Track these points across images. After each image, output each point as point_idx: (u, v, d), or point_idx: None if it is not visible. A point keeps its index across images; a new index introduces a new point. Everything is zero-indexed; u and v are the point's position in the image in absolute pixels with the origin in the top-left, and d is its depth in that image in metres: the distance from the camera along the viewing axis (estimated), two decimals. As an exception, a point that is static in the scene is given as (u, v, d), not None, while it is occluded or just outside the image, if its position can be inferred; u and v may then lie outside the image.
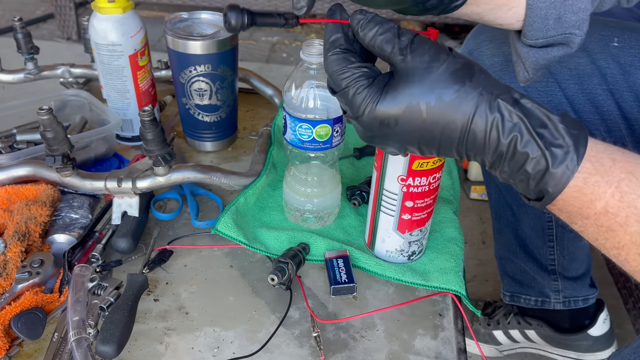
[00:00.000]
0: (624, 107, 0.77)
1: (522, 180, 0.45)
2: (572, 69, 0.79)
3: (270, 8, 2.21)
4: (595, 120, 0.79)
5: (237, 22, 0.48)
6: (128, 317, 0.58)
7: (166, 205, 0.79)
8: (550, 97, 0.81)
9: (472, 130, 0.45)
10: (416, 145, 0.47)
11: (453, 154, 0.48)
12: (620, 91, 0.76)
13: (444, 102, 0.45)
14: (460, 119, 0.45)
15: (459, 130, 0.45)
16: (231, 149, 0.93)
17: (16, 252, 0.64)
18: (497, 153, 0.45)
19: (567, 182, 0.44)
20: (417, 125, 0.46)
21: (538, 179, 0.44)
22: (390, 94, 0.46)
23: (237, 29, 0.48)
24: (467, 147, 0.46)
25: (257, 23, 0.49)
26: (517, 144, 0.44)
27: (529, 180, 0.45)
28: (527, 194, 0.47)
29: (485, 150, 0.45)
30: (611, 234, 0.44)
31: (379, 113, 0.46)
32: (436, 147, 0.47)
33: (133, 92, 0.85)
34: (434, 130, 0.46)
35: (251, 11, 0.48)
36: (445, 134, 0.46)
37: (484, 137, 0.45)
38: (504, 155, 0.45)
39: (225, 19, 0.48)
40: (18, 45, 0.95)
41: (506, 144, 0.44)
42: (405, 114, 0.46)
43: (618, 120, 0.78)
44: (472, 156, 0.47)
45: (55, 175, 0.72)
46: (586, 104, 0.79)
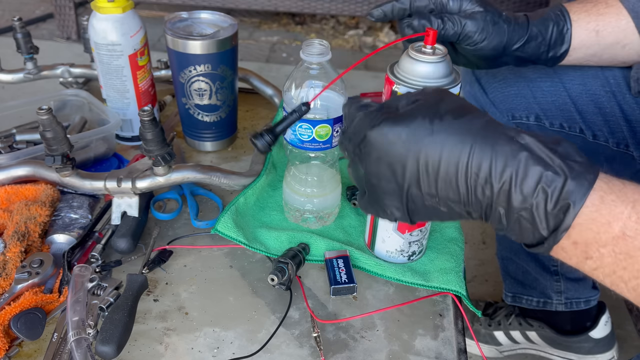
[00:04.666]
0: (626, 109, 0.77)
1: (539, 204, 0.41)
2: (576, 70, 0.80)
3: (270, 8, 2.21)
4: (599, 121, 0.79)
5: (263, 146, 0.55)
6: (128, 318, 0.58)
7: (166, 206, 0.79)
8: (555, 97, 0.81)
9: (477, 149, 0.42)
10: (416, 174, 0.44)
11: (455, 188, 0.44)
12: (622, 94, 0.77)
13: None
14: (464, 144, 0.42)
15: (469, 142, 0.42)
16: (231, 149, 0.93)
17: (16, 252, 0.64)
18: (506, 175, 0.41)
19: (586, 194, 0.40)
20: (424, 140, 0.43)
21: (557, 195, 0.40)
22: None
23: (267, 150, 0.56)
24: (472, 172, 0.42)
25: (279, 134, 0.56)
26: (529, 161, 0.41)
27: (546, 201, 0.40)
28: (541, 225, 0.41)
29: (492, 175, 0.41)
30: (630, 262, 0.40)
31: (392, 125, 0.44)
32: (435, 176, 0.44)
33: (133, 92, 0.85)
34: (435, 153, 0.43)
35: (270, 128, 0.55)
36: (449, 161, 0.43)
37: (489, 164, 0.41)
38: (515, 177, 0.41)
39: (254, 146, 0.55)
40: (17, 45, 0.95)
41: (517, 161, 0.41)
42: (412, 130, 0.44)
43: (620, 122, 0.78)
44: (476, 189, 0.43)
45: (55, 175, 0.72)
46: (590, 104, 0.79)
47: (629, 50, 0.71)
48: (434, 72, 0.55)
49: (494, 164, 0.41)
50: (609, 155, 0.82)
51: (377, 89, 0.94)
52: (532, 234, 0.42)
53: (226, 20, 0.84)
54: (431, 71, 0.55)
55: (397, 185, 0.45)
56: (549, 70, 0.81)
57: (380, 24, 2.68)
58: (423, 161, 0.43)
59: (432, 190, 0.44)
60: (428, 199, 0.45)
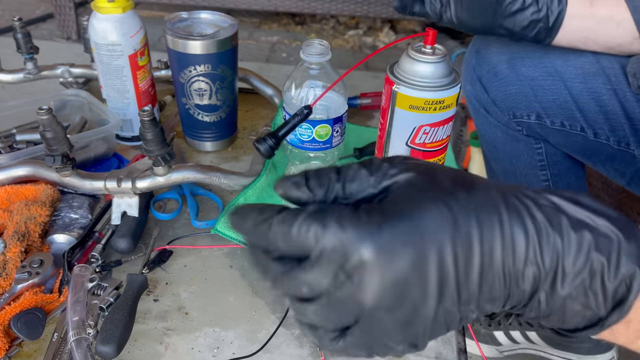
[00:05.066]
0: (627, 107, 0.77)
1: (594, 277, 0.32)
2: (577, 68, 0.79)
3: (270, 8, 2.21)
4: (600, 120, 0.79)
5: (266, 150, 0.55)
6: (128, 318, 0.58)
7: (166, 206, 0.79)
8: (556, 95, 0.81)
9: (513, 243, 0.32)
10: (454, 281, 0.31)
11: (494, 280, 0.32)
12: (623, 91, 0.77)
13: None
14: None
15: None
16: (231, 149, 0.93)
17: (16, 252, 0.64)
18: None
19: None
20: (448, 232, 0.31)
21: (615, 262, 0.32)
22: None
23: (270, 155, 0.55)
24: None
25: (282, 138, 0.56)
26: (570, 228, 0.32)
27: (603, 273, 0.32)
28: (597, 303, 0.33)
29: (532, 252, 0.32)
30: None
31: (394, 228, 0.31)
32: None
33: (133, 92, 0.85)
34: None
35: (272, 133, 0.55)
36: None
37: (525, 240, 0.32)
38: (562, 249, 0.32)
39: (257, 151, 0.55)
40: (18, 45, 0.95)
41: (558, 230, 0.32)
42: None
43: (622, 120, 0.78)
44: (517, 275, 0.32)
45: (55, 175, 0.72)
46: (591, 102, 0.79)
47: (623, 29, 0.71)
48: (433, 72, 0.55)
49: (532, 239, 0.32)
50: (609, 153, 0.82)
51: (377, 89, 0.94)
52: (583, 316, 0.34)
53: (226, 20, 0.84)
54: (431, 71, 0.55)
55: (413, 310, 0.31)
56: (550, 69, 0.81)
57: (380, 24, 2.68)
58: (462, 257, 0.31)
59: (473, 294, 0.32)
60: (462, 309, 0.32)
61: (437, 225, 0.31)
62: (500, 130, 0.91)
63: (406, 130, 0.58)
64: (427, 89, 0.55)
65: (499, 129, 0.92)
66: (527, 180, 0.96)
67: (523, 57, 0.84)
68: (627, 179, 0.84)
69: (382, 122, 0.61)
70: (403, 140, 0.59)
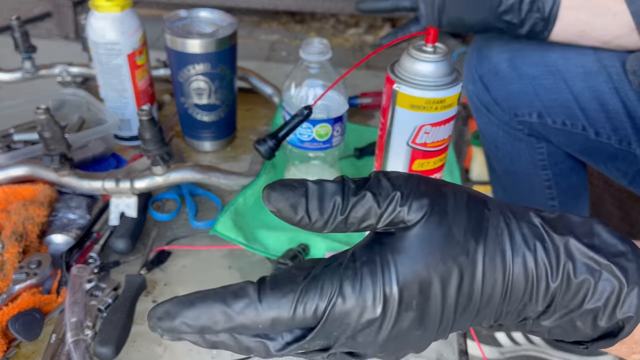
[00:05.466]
0: (629, 105, 0.76)
1: (585, 318, 0.33)
2: (578, 66, 0.79)
3: (270, 7, 2.20)
4: (602, 119, 0.79)
5: (266, 151, 0.54)
6: (126, 319, 0.58)
7: (164, 206, 0.78)
8: (557, 94, 0.81)
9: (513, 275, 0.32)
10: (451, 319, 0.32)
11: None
12: (625, 90, 0.76)
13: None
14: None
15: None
16: (230, 148, 0.92)
17: (13, 252, 0.63)
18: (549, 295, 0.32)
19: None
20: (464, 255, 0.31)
21: (612, 306, 0.32)
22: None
23: (270, 156, 0.55)
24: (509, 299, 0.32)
25: (282, 139, 0.55)
26: (570, 273, 0.32)
27: (596, 316, 0.32)
28: (593, 332, 0.34)
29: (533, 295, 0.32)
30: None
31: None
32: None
33: (131, 91, 0.85)
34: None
35: (273, 134, 0.54)
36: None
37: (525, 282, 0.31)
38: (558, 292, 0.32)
39: (257, 152, 0.55)
40: (15, 44, 0.94)
41: (559, 277, 0.32)
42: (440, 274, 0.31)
43: (623, 118, 0.77)
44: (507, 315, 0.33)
45: (53, 175, 0.71)
46: (592, 101, 0.79)
47: (620, 20, 0.71)
48: (435, 71, 0.55)
49: (530, 280, 0.31)
50: (611, 153, 0.81)
51: (378, 88, 0.94)
52: (568, 337, 0.35)
53: (225, 19, 0.84)
54: (432, 70, 0.55)
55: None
56: (551, 67, 0.81)
57: (380, 22, 2.68)
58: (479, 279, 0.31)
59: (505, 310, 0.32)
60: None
61: (454, 244, 0.30)
62: (502, 129, 0.91)
63: (407, 130, 0.58)
64: (429, 88, 0.55)
65: (500, 128, 0.91)
66: (528, 179, 0.96)
67: (524, 56, 0.83)
68: (628, 178, 0.83)
69: (383, 121, 0.60)
70: (404, 139, 0.59)
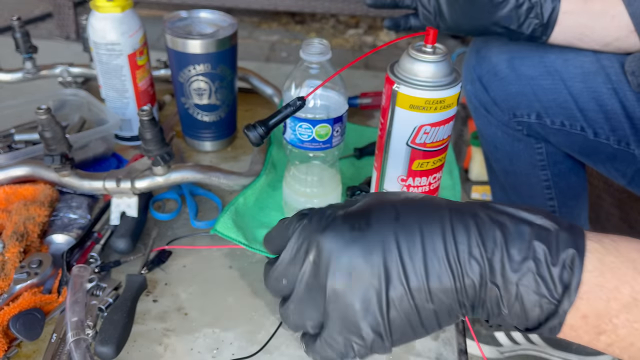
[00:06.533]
0: (627, 106, 0.77)
1: (539, 263, 0.36)
2: (577, 67, 0.79)
3: (270, 7, 2.21)
4: (600, 119, 0.79)
5: (255, 138, 0.54)
6: (127, 318, 0.58)
7: (165, 206, 0.78)
8: (556, 94, 0.81)
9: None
10: (398, 266, 0.37)
11: (443, 269, 0.37)
12: (623, 90, 0.76)
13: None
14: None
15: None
16: (230, 148, 0.92)
17: (14, 252, 0.63)
18: (490, 241, 0.36)
19: (584, 244, 0.36)
20: (396, 223, 0.37)
21: (555, 248, 0.36)
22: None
23: (259, 143, 0.55)
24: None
25: (272, 127, 0.55)
26: (510, 224, 0.37)
27: (546, 258, 0.36)
28: (549, 287, 0.36)
29: (475, 244, 0.37)
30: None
31: (347, 219, 0.38)
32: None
33: (132, 91, 0.85)
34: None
35: (263, 121, 0.54)
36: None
37: (467, 234, 0.37)
38: (503, 240, 0.36)
39: (247, 137, 0.55)
40: (16, 44, 0.94)
41: (500, 224, 0.37)
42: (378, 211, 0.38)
43: (622, 119, 0.78)
44: (464, 265, 0.36)
45: (54, 175, 0.71)
46: (591, 102, 0.79)
47: (618, 22, 0.72)
48: (434, 71, 0.55)
49: (473, 232, 0.36)
50: (610, 153, 0.81)
51: (378, 89, 0.94)
52: (541, 308, 0.36)
53: (226, 19, 0.84)
54: (432, 70, 0.55)
55: (375, 291, 0.36)
56: (550, 68, 0.81)
57: (380, 23, 2.68)
58: (404, 246, 0.36)
59: (420, 280, 0.36)
60: (416, 295, 0.36)
61: (385, 217, 0.37)
62: (501, 130, 0.91)
63: (407, 130, 0.58)
64: (428, 89, 0.55)
65: (499, 128, 0.91)
66: (527, 180, 0.96)
67: (523, 57, 0.83)
68: (627, 178, 0.84)
69: (383, 121, 0.60)
70: (403, 139, 0.59)
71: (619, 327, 0.36)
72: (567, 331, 0.37)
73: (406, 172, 0.61)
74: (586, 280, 0.35)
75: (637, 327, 0.36)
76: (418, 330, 0.38)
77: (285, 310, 0.41)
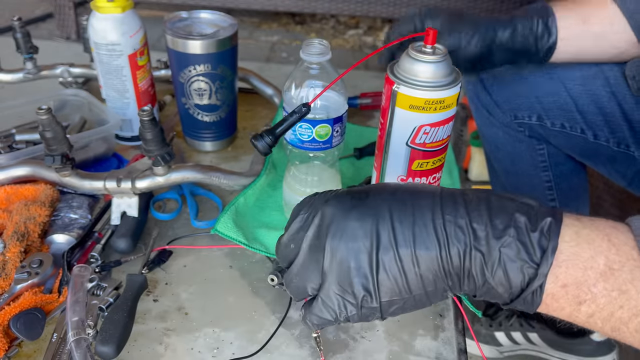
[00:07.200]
0: (626, 109, 0.77)
1: (520, 230, 0.39)
2: (577, 70, 0.80)
3: (270, 7, 2.21)
4: (600, 121, 0.79)
5: (264, 147, 0.55)
6: (127, 318, 0.58)
7: (165, 206, 0.79)
8: (556, 97, 0.81)
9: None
10: (389, 230, 0.41)
11: (430, 234, 0.41)
12: (622, 93, 0.77)
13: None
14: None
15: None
16: (231, 148, 0.92)
17: (15, 252, 0.64)
18: (475, 213, 0.40)
19: (560, 219, 0.39)
20: (391, 197, 0.42)
21: (534, 218, 0.39)
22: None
23: (267, 152, 0.55)
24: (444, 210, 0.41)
25: (280, 135, 0.55)
26: (495, 200, 0.41)
27: (527, 226, 0.39)
28: (529, 252, 0.39)
29: (462, 215, 0.41)
30: (625, 298, 0.37)
31: (348, 193, 0.44)
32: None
33: (132, 91, 0.85)
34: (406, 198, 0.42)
35: (270, 130, 0.55)
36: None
37: (455, 207, 0.41)
38: (489, 213, 0.40)
39: (255, 147, 0.55)
40: (17, 44, 0.94)
41: (485, 201, 0.41)
42: (375, 187, 0.44)
43: (621, 122, 0.78)
44: (450, 233, 0.40)
45: (55, 175, 0.72)
46: (590, 104, 0.79)
47: (620, 38, 0.72)
48: (434, 71, 0.55)
49: (463, 206, 0.40)
50: (610, 155, 0.82)
51: (377, 89, 0.94)
52: (522, 271, 0.39)
53: (226, 19, 0.84)
54: (432, 71, 0.55)
55: (367, 251, 0.41)
56: (550, 71, 0.81)
57: (380, 23, 2.68)
58: (396, 214, 0.41)
59: (408, 244, 0.40)
60: (403, 258, 0.40)
61: (382, 192, 0.42)
62: (502, 130, 0.92)
63: (406, 130, 0.58)
64: (428, 89, 0.55)
65: (500, 129, 0.92)
66: (529, 180, 0.96)
67: None
68: (627, 180, 0.84)
69: (382, 122, 0.60)
70: (403, 140, 0.59)
71: (597, 296, 0.38)
72: (550, 301, 0.39)
73: (406, 172, 0.61)
74: (564, 249, 0.38)
75: (615, 295, 0.37)
76: (405, 294, 0.41)
77: (289, 274, 0.45)
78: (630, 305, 0.37)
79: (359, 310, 0.42)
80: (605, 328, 0.39)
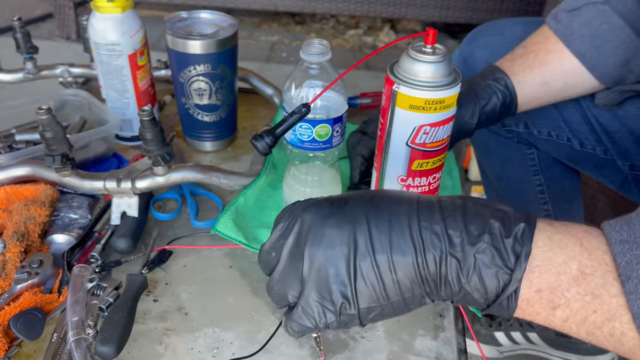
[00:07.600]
0: (603, 122, 0.78)
1: (494, 236, 0.40)
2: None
3: (270, 7, 2.21)
4: (585, 130, 0.81)
5: (264, 148, 0.55)
6: (127, 318, 0.58)
7: (165, 206, 0.79)
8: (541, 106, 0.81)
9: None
10: (366, 235, 0.42)
11: (406, 240, 0.41)
12: (597, 109, 0.77)
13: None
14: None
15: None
16: (231, 148, 0.92)
17: (15, 252, 0.64)
18: (451, 219, 0.41)
19: (534, 222, 0.40)
20: (369, 204, 0.43)
21: (509, 223, 0.40)
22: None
23: (267, 152, 0.56)
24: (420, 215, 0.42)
25: (280, 136, 0.56)
26: (470, 206, 0.41)
27: (501, 232, 0.39)
28: (504, 258, 0.39)
29: (438, 222, 0.41)
30: (597, 302, 0.38)
31: (326, 200, 0.46)
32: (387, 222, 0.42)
33: (132, 91, 0.85)
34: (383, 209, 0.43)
35: (270, 130, 0.55)
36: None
37: (431, 215, 0.42)
38: (463, 217, 0.41)
39: (255, 148, 0.55)
40: (17, 44, 0.94)
41: (461, 207, 0.42)
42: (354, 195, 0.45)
43: (602, 135, 0.79)
44: (426, 240, 0.41)
45: (55, 175, 0.72)
46: (575, 114, 0.82)
47: (581, 88, 0.72)
48: (434, 71, 0.55)
49: (439, 213, 0.41)
50: (597, 162, 0.82)
51: (378, 89, 0.94)
52: (496, 277, 0.39)
53: (226, 19, 0.84)
54: (431, 71, 0.55)
55: (345, 258, 0.42)
56: None
57: (380, 23, 2.68)
58: (373, 221, 0.42)
59: (385, 251, 0.41)
60: (380, 264, 0.41)
61: (359, 200, 0.43)
62: (492, 137, 0.92)
63: (406, 130, 0.58)
64: (428, 89, 0.55)
65: (490, 136, 0.92)
66: (520, 185, 0.96)
67: None
68: (616, 184, 0.84)
69: (382, 122, 0.60)
70: (403, 140, 0.59)
71: (571, 300, 0.38)
72: (525, 306, 0.40)
73: (406, 172, 0.61)
74: (537, 254, 0.39)
75: (588, 300, 0.38)
76: (382, 300, 0.42)
77: (270, 281, 0.46)
78: (603, 309, 0.38)
79: (337, 317, 0.43)
80: (581, 332, 0.39)
